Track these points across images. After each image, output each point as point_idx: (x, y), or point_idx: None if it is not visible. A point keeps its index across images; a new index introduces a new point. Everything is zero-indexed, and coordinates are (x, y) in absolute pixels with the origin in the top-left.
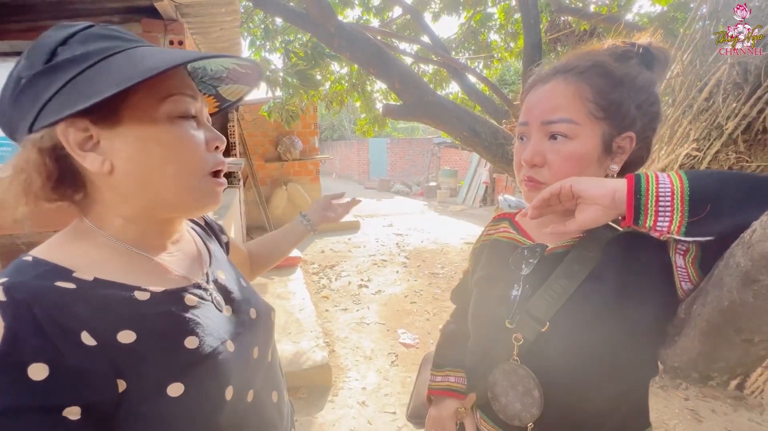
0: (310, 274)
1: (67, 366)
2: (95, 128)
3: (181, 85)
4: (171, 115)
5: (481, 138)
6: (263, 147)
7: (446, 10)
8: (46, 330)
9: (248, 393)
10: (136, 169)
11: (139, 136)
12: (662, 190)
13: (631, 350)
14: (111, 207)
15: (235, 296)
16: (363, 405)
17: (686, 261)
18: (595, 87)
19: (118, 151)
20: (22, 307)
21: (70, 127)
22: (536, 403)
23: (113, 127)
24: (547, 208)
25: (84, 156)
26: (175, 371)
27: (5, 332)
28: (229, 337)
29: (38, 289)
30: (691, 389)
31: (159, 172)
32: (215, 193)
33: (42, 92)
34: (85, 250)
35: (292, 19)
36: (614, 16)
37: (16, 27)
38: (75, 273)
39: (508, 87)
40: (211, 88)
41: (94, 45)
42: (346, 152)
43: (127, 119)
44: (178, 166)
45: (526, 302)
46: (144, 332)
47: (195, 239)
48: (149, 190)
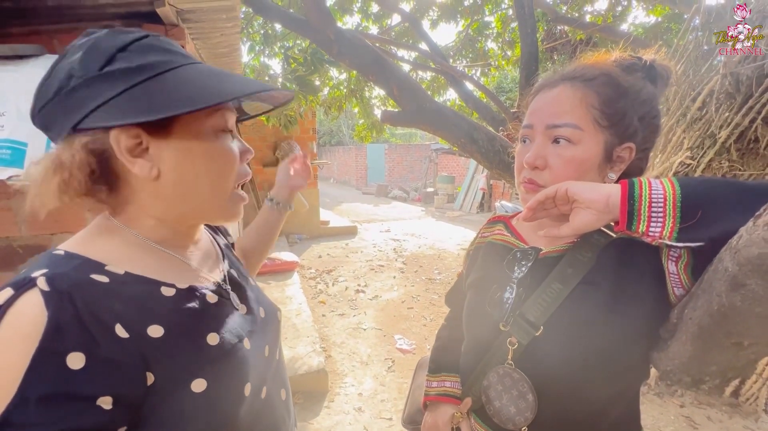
0: (307, 279)
1: (102, 357)
2: (147, 137)
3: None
4: (215, 129)
5: (479, 145)
6: (261, 152)
7: (444, 18)
8: (84, 321)
9: (263, 390)
10: (180, 177)
11: (187, 147)
12: (655, 195)
13: (623, 354)
14: (146, 208)
15: (248, 295)
16: (359, 411)
17: (678, 267)
18: (601, 95)
19: (166, 160)
20: (65, 298)
21: (123, 133)
22: (530, 407)
23: (164, 137)
24: (542, 210)
25: (133, 161)
26: (199, 367)
27: (48, 321)
28: (246, 335)
29: (77, 281)
30: (687, 396)
31: (201, 182)
32: (239, 206)
33: (96, 95)
34: (114, 246)
35: (291, 25)
36: (609, 27)
37: (17, 31)
38: (107, 267)
39: (505, 95)
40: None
41: (152, 57)
42: (344, 157)
43: (177, 131)
44: (218, 177)
45: (519, 305)
46: (171, 327)
47: (210, 239)
48: (189, 197)
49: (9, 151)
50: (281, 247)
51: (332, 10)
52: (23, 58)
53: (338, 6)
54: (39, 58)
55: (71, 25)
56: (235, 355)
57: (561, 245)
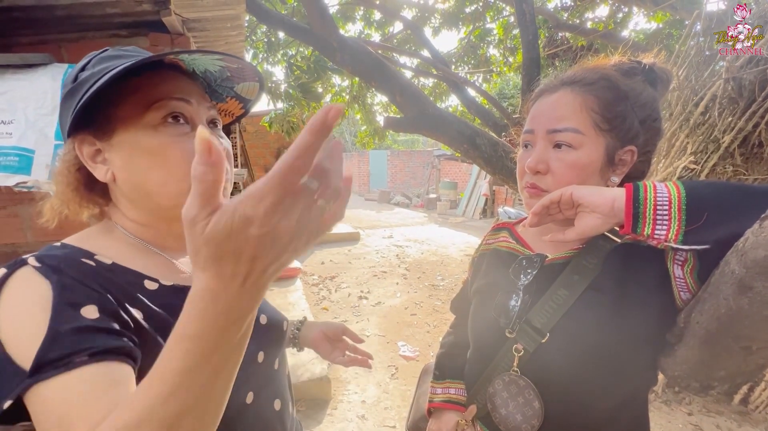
0: (309, 285)
1: (112, 310)
2: (98, 141)
3: (171, 89)
4: (155, 122)
5: (481, 150)
6: (264, 158)
7: (446, 25)
8: (84, 283)
9: (247, 394)
10: (129, 177)
11: (129, 145)
12: (660, 198)
13: (630, 360)
14: (124, 211)
15: None
16: (362, 419)
17: (684, 271)
18: (601, 99)
19: (115, 161)
20: (56, 268)
21: (83, 142)
22: (537, 414)
23: (109, 139)
24: (547, 216)
25: (94, 167)
26: None
27: (54, 284)
28: None
29: (65, 259)
30: (695, 404)
31: (148, 179)
32: None
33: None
34: (107, 242)
35: (295, 33)
36: (610, 33)
37: (26, 40)
38: (96, 256)
39: (507, 100)
40: (230, 90)
41: (100, 66)
42: (346, 164)
43: (119, 130)
44: (165, 172)
45: (525, 312)
46: (151, 317)
47: None
48: (146, 196)
49: (17, 158)
50: None
51: (335, 18)
52: (32, 67)
53: (341, 14)
54: (47, 66)
55: (79, 34)
56: None
57: (566, 251)
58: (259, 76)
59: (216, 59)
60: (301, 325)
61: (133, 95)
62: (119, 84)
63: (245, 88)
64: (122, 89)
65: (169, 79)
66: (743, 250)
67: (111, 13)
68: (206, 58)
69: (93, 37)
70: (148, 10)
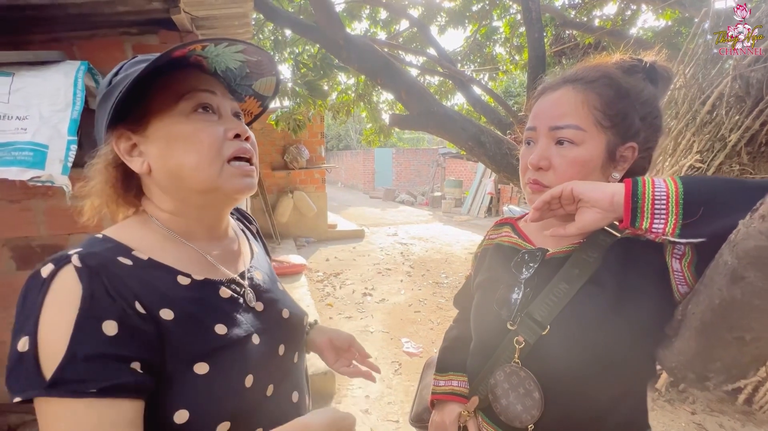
0: (314, 282)
1: (129, 325)
2: (133, 135)
3: (197, 83)
4: (186, 111)
5: (486, 148)
6: (270, 155)
7: (452, 24)
8: (111, 294)
9: (268, 387)
10: (165, 165)
11: (163, 135)
12: (658, 193)
13: (629, 352)
14: (158, 202)
15: (269, 296)
16: (366, 413)
17: (682, 264)
18: (602, 97)
19: (151, 152)
20: (94, 273)
21: (119, 138)
22: (537, 405)
23: (144, 131)
24: (548, 211)
25: (131, 160)
26: (203, 352)
27: (84, 292)
28: (256, 331)
29: (104, 260)
30: (698, 403)
31: (182, 164)
32: (238, 175)
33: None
34: (144, 234)
35: (302, 31)
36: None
37: (40, 38)
38: (133, 252)
39: (513, 98)
40: (248, 89)
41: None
42: (351, 161)
43: (153, 122)
44: (197, 155)
45: (527, 305)
46: (181, 313)
47: (241, 240)
48: (179, 183)
49: (31, 153)
50: (289, 250)
51: (341, 17)
52: (45, 64)
53: (347, 12)
54: (60, 64)
55: (90, 32)
56: (240, 347)
57: (567, 246)
58: (275, 69)
59: (236, 51)
60: (311, 328)
61: (164, 90)
62: (150, 81)
63: (263, 84)
64: (153, 86)
65: (195, 75)
66: (735, 241)
67: (122, 11)
68: (227, 53)
69: (104, 34)
70: (158, 8)
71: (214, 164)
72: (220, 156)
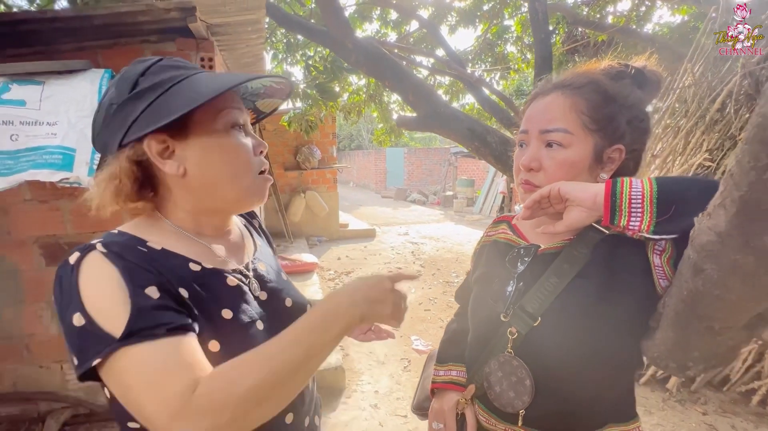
0: (326, 280)
1: (167, 290)
2: (171, 140)
3: (231, 100)
4: (226, 126)
5: (492, 147)
6: (283, 156)
7: (463, 23)
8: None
9: None
10: (203, 171)
11: (204, 145)
12: (635, 193)
13: (615, 342)
14: (180, 203)
15: (273, 285)
16: (375, 408)
17: (662, 260)
18: (590, 101)
19: (189, 158)
20: (119, 254)
21: (153, 140)
22: (528, 391)
23: (184, 138)
24: (539, 209)
25: (164, 163)
26: (214, 331)
27: (120, 268)
28: (260, 318)
29: (124, 246)
30: (710, 404)
31: (221, 172)
32: (264, 188)
33: (129, 115)
34: (156, 230)
35: (312, 36)
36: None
37: (66, 47)
38: (148, 243)
39: (525, 97)
40: (250, 103)
41: (165, 74)
42: (363, 161)
43: (194, 131)
44: (235, 167)
45: (520, 298)
46: (193, 294)
47: (245, 235)
48: (214, 188)
49: (60, 156)
50: (301, 249)
51: (352, 18)
52: (72, 73)
53: (358, 14)
54: (86, 72)
55: (113, 41)
56: (246, 331)
57: (558, 242)
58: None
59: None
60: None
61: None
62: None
63: (266, 103)
64: None
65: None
66: (692, 237)
67: (142, 21)
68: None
69: (126, 43)
70: (176, 17)
71: (247, 177)
72: (252, 170)
